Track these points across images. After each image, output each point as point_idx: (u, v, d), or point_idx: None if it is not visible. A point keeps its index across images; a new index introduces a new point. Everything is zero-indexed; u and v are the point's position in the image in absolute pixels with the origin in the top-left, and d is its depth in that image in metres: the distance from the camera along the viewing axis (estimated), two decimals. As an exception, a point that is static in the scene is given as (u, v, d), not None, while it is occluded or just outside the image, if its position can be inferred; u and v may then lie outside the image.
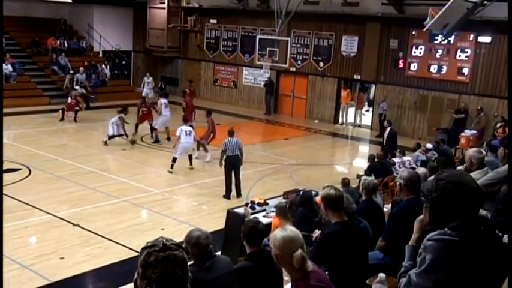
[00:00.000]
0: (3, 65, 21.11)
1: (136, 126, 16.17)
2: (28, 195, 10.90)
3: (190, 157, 13.47)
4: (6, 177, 12.03)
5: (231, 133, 11.68)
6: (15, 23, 23.69)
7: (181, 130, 13.19)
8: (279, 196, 9.18)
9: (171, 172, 13.14)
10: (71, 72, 22.62)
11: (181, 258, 2.08)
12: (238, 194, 11.48)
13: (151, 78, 23.07)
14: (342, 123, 21.82)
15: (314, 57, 21.94)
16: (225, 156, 11.40)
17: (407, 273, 2.66)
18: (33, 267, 7.81)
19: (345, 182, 9.03)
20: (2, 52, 18.37)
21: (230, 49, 24.41)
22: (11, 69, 21.33)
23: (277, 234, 3.20)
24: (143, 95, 20.67)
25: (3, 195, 10.82)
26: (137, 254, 2.16)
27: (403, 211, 4.98)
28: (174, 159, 13.11)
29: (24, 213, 10.02)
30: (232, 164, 11.38)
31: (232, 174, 11.44)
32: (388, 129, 15.58)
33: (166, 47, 25.23)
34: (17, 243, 8.64)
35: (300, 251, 3.10)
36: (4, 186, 11.27)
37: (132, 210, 10.64)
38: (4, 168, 12.70)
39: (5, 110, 18.97)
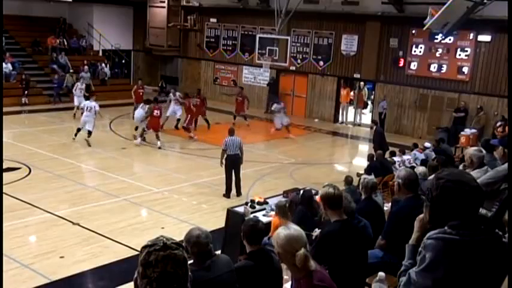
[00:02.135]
0: (3, 64, 21.13)
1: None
2: (28, 194, 10.90)
3: (89, 132, 15.07)
4: (6, 176, 12.02)
5: (231, 132, 11.68)
6: (15, 22, 23.65)
7: (84, 105, 15.66)
8: (279, 195, 9.17)
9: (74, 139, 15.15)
10: (71, 71, 22.61)
11: (181, 258, 2.07)
12: (238, 193, 11.48)
13: (84, 84, 19.82)
14: (342, 122, 21.83)
15: (314, 56, 21.93)
16: (225, 155, 11.40)
17: (407, 272, 2.65)
18: (33, 266, 7.82)
19: (349, 180, 9.02)
20: (2, 52, 18.40)
21: (230, 48, 24.40)
22: (10, 68, 21.31)
23: (280, 232, 3.19)
24: (75, 104, 18.80)
25: (3, 194, 10.84)
26: (137, 253, 2.16)
27: (402, 210, 4.98)
28: (88, 133, 15.11)
29: (24, 212, 10.02)
30: (233, 162, 11.38)
31: (233, 173, 11.44)
32: (373, 128, 15.73)
33: (166, 46, 25.22)
34: (16, 242, 8.64)
35: (303, 250, 3.10)
36: (4, 185, 11.27)
37: (131, 209, 10.63)
38: (4, 167, 12.70)
39: (4, 109, 19.02)
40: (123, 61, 26.19)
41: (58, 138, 16.07)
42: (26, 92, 20.84)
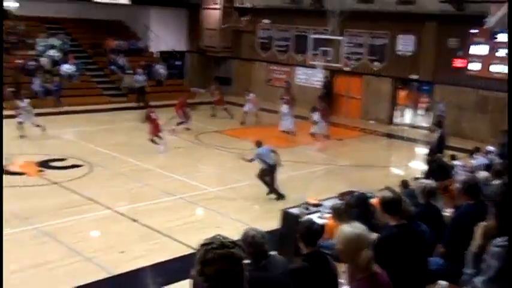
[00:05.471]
0: (67, 65, 22.06)
1: None
2: (90, 190, 11.35)
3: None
4: (70, 172, 12.62)
5: (259, 143, 11.48)
6: (77, 25, 24.68)
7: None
8: (334, 197, 9.11)
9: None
10: (128, 72, 23.27)
11: (238, 256, 2.12)
12: (272, 196, 11.40)
13: (27, 100, 16.49)
14: (399, 125, 21.38)
15: (368, 57, 21.63)
16: (264, 165, 11.30)
17: (470, 281, 2.62)
18: (95, 260, 8.14)
19: (405, 184, 8.86)
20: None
21: (283, 49, 24.44)
22: (74, 69, 22.20)
23: (345, 229, 3.16)
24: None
25: (67, 190, 11.37)
26: (193, 251, 2.24)
27: (462, 216, 4.89)
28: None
29: (86, 207, 10.44)
30: (273, 169, 11.30)
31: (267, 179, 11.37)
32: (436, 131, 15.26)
33: (219, 47, 25.55)
34: (80, 236, 9.06)
35: (368, 250, 3.07)
36: (68, 181, 11.85)
37: (188, 207, 10.87)
38: (68, 164, 13.33)
39: (69, 108, 19.92)
40: (178, 63, 26.73)
41: (118, 137, 16.61)
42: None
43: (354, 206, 7.59)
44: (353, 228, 3.15)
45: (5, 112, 16.17)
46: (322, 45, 20.66)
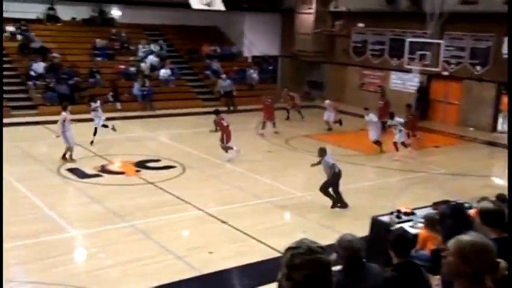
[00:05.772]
0: (164, 70, 23.08)
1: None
2: (182, 190, 11.72)
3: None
4: (163, 173, 13.14)
5: (324, 151, 11.06)
6: (175, 31, 25.76)
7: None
8: (428, 206, 8.69)
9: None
10: (222, 76, 23.89)
11: (326, 262, 2.06)
12: (344, 205, 11.03)
13: (99, 101, 16.20)
14: (503, 132, 20.00)
15: (470, 61, 20.47)
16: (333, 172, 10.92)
17: None
18: (186, 259, 8.37)
19: (502, 198, 8.20)
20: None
21: (377, 53, 23.83)
22: (170, 73, 23.18)
23: (469, 238, 2.80)
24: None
25: (161, 190, 11.84)
26: (279, 254, 2.19)
27: None
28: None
29: (178, 207, 10.80)
30: (338, 178, 10.97)
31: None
32: None
33: (312, 52, 25.44)
34: (172, 235, 9.39)
35: (503, 261, 2.76)
36: (161, 182, 12.34)
37: (275, 211, 10.89)
38: (162, 165, 13.89)
39: (164, 112, 20.81)
40: (272, 67, 27.01)
41: (209, 140, 17.02)
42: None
43: (449, 216, 7.16)
44: (476, 237, 2.80)
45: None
46: (420, 48, 19.87)
